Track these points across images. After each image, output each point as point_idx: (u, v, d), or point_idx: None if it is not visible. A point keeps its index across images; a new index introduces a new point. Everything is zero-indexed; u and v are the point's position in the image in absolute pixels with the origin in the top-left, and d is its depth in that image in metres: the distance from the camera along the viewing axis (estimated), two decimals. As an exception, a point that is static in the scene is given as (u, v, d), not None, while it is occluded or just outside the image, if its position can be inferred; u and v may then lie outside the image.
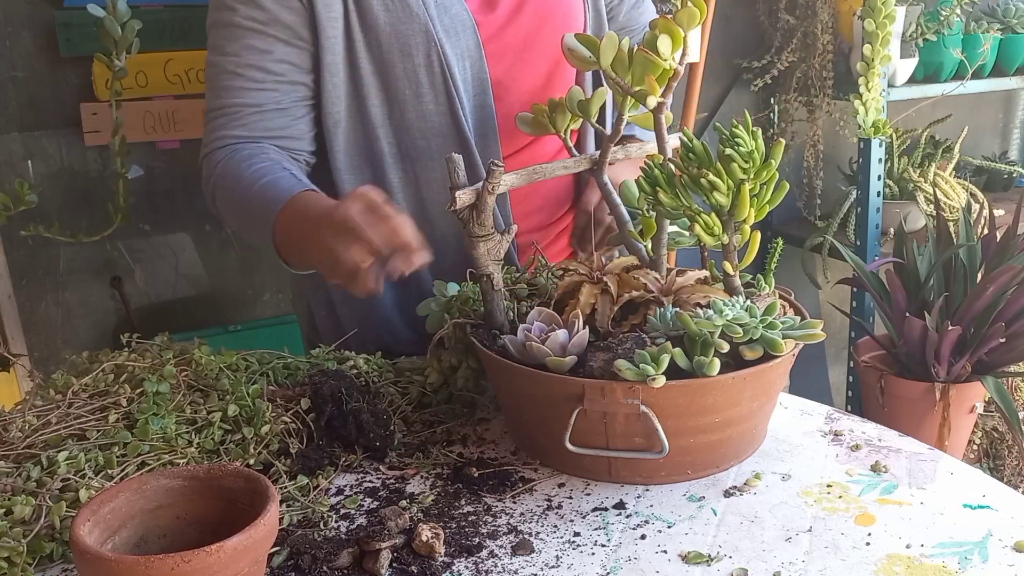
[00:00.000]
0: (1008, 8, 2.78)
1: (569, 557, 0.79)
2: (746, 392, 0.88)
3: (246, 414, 0.95)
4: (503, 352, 0.92)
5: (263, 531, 0.65)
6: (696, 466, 0.91)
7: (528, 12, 1.23)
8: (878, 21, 2.27)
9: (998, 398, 2.04)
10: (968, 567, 0.76)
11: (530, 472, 0.94)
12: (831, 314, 2.74)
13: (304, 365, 1.10)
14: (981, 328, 2.03)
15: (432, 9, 1.16)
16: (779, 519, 0.84)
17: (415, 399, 1.07)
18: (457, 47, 1.18)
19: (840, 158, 2.84)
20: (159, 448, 0.89)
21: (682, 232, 1.04)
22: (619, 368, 0.84)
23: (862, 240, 2.59)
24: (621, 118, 0.98)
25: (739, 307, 0.87)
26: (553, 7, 1.25)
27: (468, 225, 0.96)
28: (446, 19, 1.17)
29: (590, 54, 0.92)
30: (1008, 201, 2.81)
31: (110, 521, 0.68)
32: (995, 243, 2.13)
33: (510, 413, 1.00)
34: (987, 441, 2.31)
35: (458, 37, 1.18)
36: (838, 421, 1.03)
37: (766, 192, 0.90)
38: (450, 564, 0.79)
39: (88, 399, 0.97)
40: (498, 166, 0.92)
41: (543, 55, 1.24)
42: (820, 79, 2.56)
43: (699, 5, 0.89)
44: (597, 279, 0.97)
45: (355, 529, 0.84)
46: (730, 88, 2.77)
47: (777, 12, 2.60)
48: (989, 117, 3.35)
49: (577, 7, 1.28)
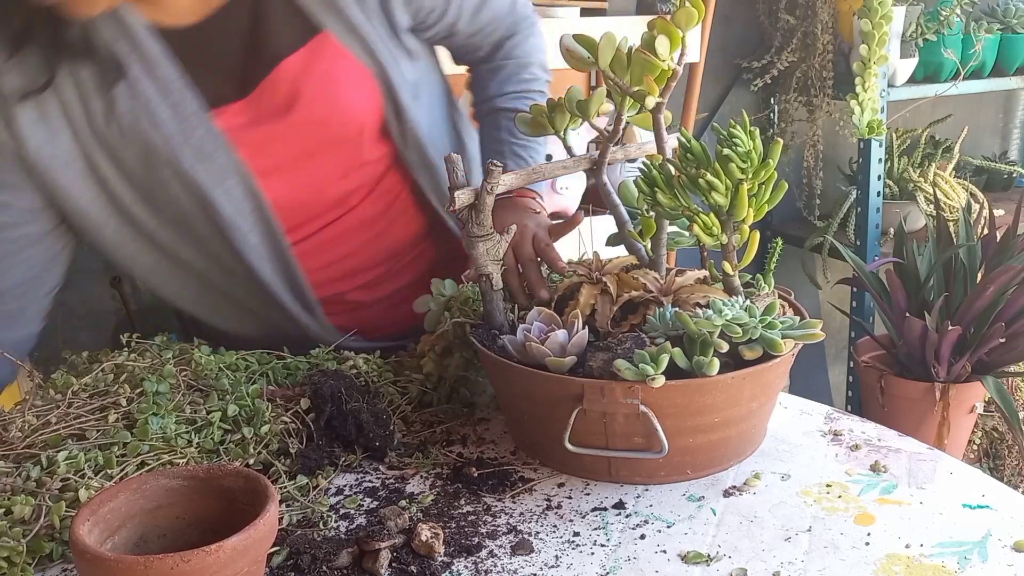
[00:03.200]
0: (1008, 8, 2.78)
1: (568, 557, 0.79)
2: (745, 392, 0.88)
3: (246, 414, 0.95)
4: (503, 352, 0.92)
5: (263, 531, 0.65)
6: (695, 466, 0.91)
7: (297, 117, 1.06)
8: (875, 21, 2.27)
9: (998, 398, 2.04)
10: (968, 567, 0.76)
11: (530, 472, 0.94)
12: (831, 314, 2.74)
13: (303, 365, 1.10)
14: (981, 328, 2.03)
15: (175, 138, 1.01)
16: (779, 519, 0.84)
17: (415, 399, 1.07)
18: (212, 171, 1.04)
19: (840, 158, 2.84)
20: (159, 448, 0.89)
21: (681, 232, 1.04)
22: (618, 368, 0.84)
23: (862, 240, 2.59)
24: (620, 118, 0.98)
25: (738, 307, 0.87)
26: (329, 106, 1.07)
27: (467, 225, 0.96)
28: (193, 142, 1.02)
29: (588, 54, 0.92)
30: (1008, 201, 2.81)
31: (110, 521, 0.68)
32: (995, 243, 2.13)
33: (510, 413, 1.00)
34: (987, 441, 2.31)
35: (212, 160, 1.03)
36: (838, 421, 1.03)
37: (765, 192, 0.90)
38: (450, 564, 0.79)
39: (88, 399, 0.97)
40: (497, 166, 0.93)
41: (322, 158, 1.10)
42: (820, 79, 2.56)
43: (697, 5, 0.89)
44: (597, 279, 0.98)
45: (355, 529, 0.84)
46: (730, 88, 2.77)
47: (777, 12, 2.60)
48: (989, 117, 3.35)
49: (362, 103, 1.09)
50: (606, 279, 0.97)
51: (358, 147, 1.11)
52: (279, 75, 1.03)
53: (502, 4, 1.20)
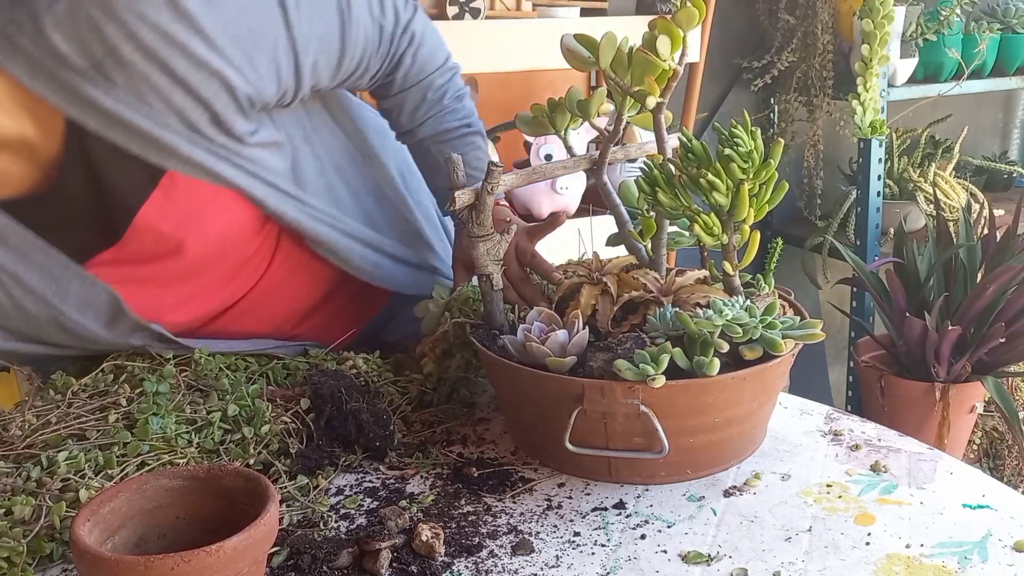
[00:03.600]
0: (1008, 8, 2.78)
1: (569, 557, 0.79)
2: (746, 392, 0.88)
3: (246, 414, 0.95)
4: (503, 352, 0.92)
5: (263, 531, 0.65)
6: (696, 466, 0.91)
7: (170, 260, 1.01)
8: (876, 21, 2.28)
9: (998, 398, 2.04)
10: (968, 567, 0.76)
11: (530, 472, 0.94)
12: (831, 314, 2.74)
13: (303, 365, 1.10)
14: (981, 328, 2.04)
15: (53, 297, 0.98)
16: (779, 519, 0.84)
17: (415, 399, 1.07)
18: (99, 316, 1.01)
19: (840, 158, 2.84)
20: (159, 448, 0.89)
21: (682, 232, 1.04)
22: (619, 368, 0.84)
23: (862, 240, 2.59)
24: (621, 118, 0.98)
25: (739, 307, 0.87)
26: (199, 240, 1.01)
27: (467, 225, 0.96)
28: (72, 295, 0.99)
29: (589, 54, 0.92)
30: (1008, 201, 2.81)
31: (110, 521, 0.68)
32: (995, 243, 2.13)
33: (510, 413, 1.00)
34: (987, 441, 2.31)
35: (96, 307, 1.01)
36: (838, 421, 1.03)
37: (765, 192, 0.90)
38: (450, 564, 0.79)
39: (88, 399, 0.97)
40: (497, 166, 0.93)
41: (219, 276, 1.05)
42: (820, 79, 2.56)
43: (698, 5, 0.89)
44: (597, 280, 0.98)
45: (355, 529, 0.84)
46: (730, 88, 2.77)
47: (777, 12, 2.60)
48: (989, 117, 3.35)
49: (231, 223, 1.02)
50: (606, 279, 0.97)
51: (238, 251, 1.05)
52: (140, 224, 0.97)
53: (366, 39, 1.05)
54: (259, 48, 0.94)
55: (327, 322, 1.19)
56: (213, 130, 0.94)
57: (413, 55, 1.12)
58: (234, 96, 0.93)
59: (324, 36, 1.00)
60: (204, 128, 0.94)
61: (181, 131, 0.93)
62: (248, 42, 0.93)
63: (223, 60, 0.91)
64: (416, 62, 1.12)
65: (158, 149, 0.93)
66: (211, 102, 0.92)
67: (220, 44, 0.91)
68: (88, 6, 0.86)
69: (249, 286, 1.09)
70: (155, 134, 0.91)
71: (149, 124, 0.91)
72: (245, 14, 0.93)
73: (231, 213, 1.01)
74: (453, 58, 1.19)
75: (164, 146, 0.92)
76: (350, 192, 1.13)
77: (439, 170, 1.17)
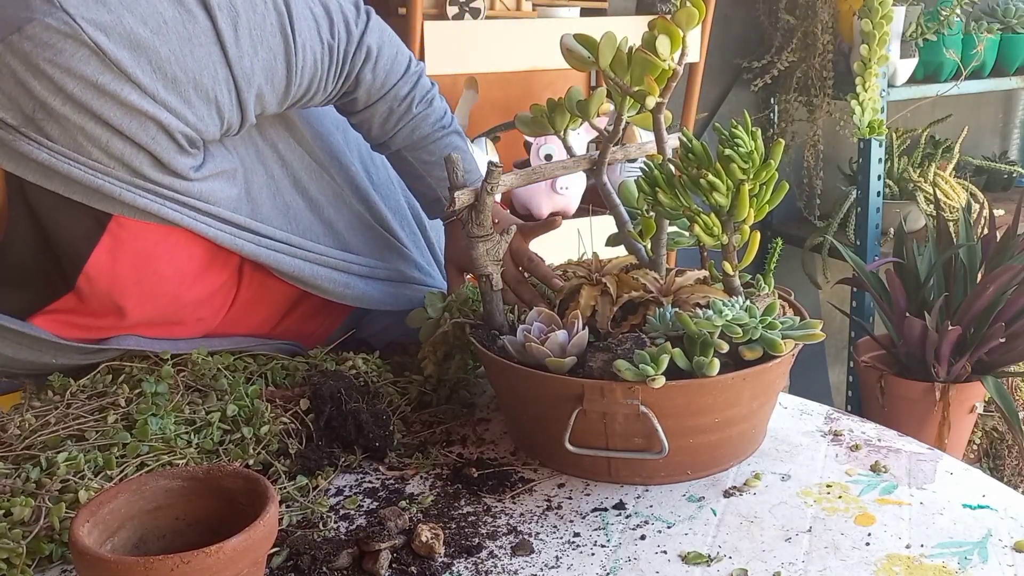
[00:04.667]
0: (1008, 8, 2.78)
1: (569, 557, 0.79)
2: (746, 392, 0.88)
3: (245, 414, 0.95)
4: (503, 353, 0.92)
5: (262, 532, 0.65)
6: (696, 466, 0.91)
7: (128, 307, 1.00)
8: (875, 21, 2.28)
9: (998, 398, 2.04)
10: (968, 567, 0.76)
11: (530, 472, 0.94)
12: (831, 314, 2.74)
13: (302, 366, 1.10)
14: (981, 328, 2.04)
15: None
16: (779, 519, 0.84)
17: (414, 399, 1.07)
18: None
19: (840, 158, 2.84)
20: (158, 449, 0.89)
21: (681, 232, 1.04)
22: (618, 368, 0.84)
23: (862, 240, 2.59)
24: (620, 118, 0.98)
25: (739, 307, 0.87)
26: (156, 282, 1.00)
27: (467, 226, 0.96)
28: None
29: (589, 54, 0.92)
30: (1008, 201, 2.81)
31: (109, 522, 0.68)
32: (995, 243, 2.13)
33: (510, 413, 1.00)
34: (987, 441, 2.31)
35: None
36: (838, 421, 1.03)
37: (765, 192, 0.90)
38: (450, 564, 0.79)
39: (86, 400, 0.97)
40: (497, 166, 0.92)
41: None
42: (820, 79, 2.56)
43: (698, 5, 0.89)
44: (597, 280, 0.97)
45: (355, 530, 0.84)
46: (730, 88, 2.77)
47: (777, 12, 2.60)
48: (989, 117, 3.35)
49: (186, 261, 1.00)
50: (606, 280, 0.97)
51: (199, 288, 1.04)
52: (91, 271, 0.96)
53: (315, 63, 1.01)
54: (197, 88, 0.91)
55: (302, 322, 1.18)
56: (156, 173, 0.92)
57: (372, 70, 1.07)
58: (173, 138, 0.91)
59: (268, 66, 0.96)
60: (147, 171, 0.92)
61: (123, 177, 0.91)
62: (184, 84, 0.90)
63: (157, 105, 0.89)
64: (376, 77, 1.08)
65: (100, 198, 0.92)
66: (150, 147, 0.90)
67: (153, 89, 0.88)
68: (11, 62, 0.84)
69: (223, 312, 1.08)
70: (96, 183, 0.90)
71: (90, 175, 0.90)
72: (179, 56, 0.90)
73: (183, 252, 0.99)
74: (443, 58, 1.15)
75: (106, 194, 0.91)
76: (310, 206, 1.10)
77: (420, 177, 1.16)
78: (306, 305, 1.17)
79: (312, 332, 1.18)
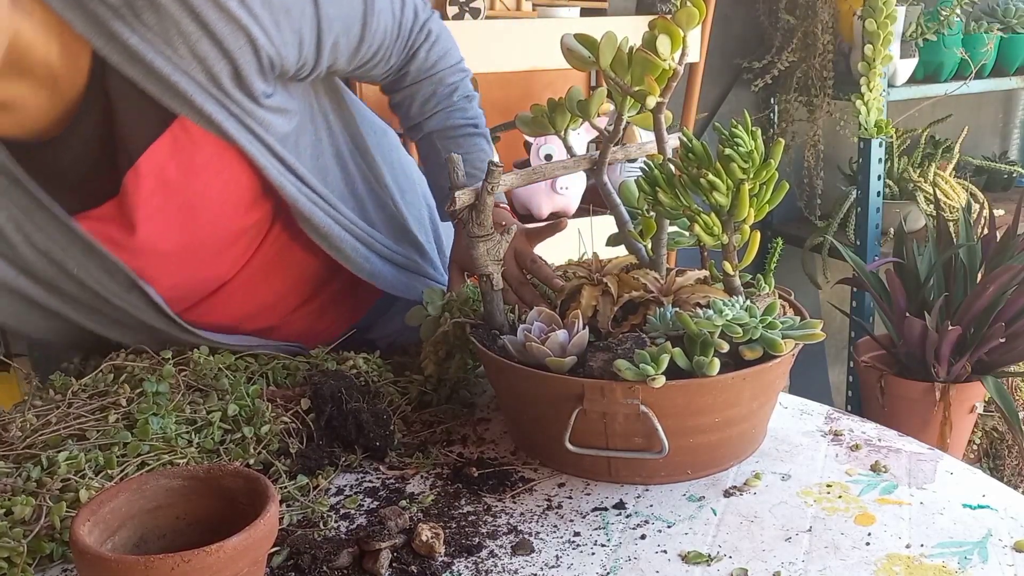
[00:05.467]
0: (1008, 8, 2.78)
1: (569, 557, 0.79)
2: (746, 392, 0.88)
3: (246, 414, 0.95)
4: (503, 352, 0.92)
5: (263, 531, 0.65)
6: (696, 466, 0.91)
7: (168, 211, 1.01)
8: (879, 21, 2.28)
9: (998, 398, 2.04)
10: (968, 567, 0.76)
11: (530, 472, 0.94)
12: (831, 314, 2.74)
13: (303, 365, 1.10)
14: (981, 328, 2.04)
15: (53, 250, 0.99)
16: (779, 519, 0.84)
17: (415, 399, 1.07)
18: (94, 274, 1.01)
19: (840, 158, 2.84)
20: (159, 448, 0.89)
21: (682, 232, 1.04)
22: (619, 368, 0.84)
23: (862, 240, 2.59)
24: (621, 118, 0.98)
25: (739, 307, 0.87)
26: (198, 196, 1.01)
27: (467, 225, 0.96)
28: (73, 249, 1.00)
29: (589, 54, 0.92)
30: (1008, 201, 2.81)
31: (110, 521, 0.68)
32: (995, 243, 2.13)
33: (510, 413, 1.00)
34: (987, 441, 2.31)
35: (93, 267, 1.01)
36: (838, 421, 1.03)
37: (766, 192, 0.90)
38: (450, 564, 0.79)
39: (87, 399, 0.97)
40: (497, 166, 0.93)
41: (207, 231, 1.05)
42: (820, 79, 2.56)
43: (698, 5, 0.89)
44: (597, 280, 0.98)
45: (355, 529, 0.84)
46: (730, 88, 2.77)
47: (777, 12, 2.61)
48: (989, 117, 3.35)
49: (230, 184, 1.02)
50: (606, 280, 0.97)
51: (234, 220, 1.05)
52: (142, 167, 0.97)
53: (385, 32, 1.10)
54: (287, 15, 0.97)
55: (314, 317, 1.19)
56: (232, 85, 0.96)
57: (428, 50, 1.17)
58: (257, 55, 0.95)
59: (347, 20, 1.04)
60: (224, 82, 0.95)
61: (200, 80, 0.95)
62: (278, 8, 0.96)
63: (252, 18, 0.94)
64: (429, 56, 1.18)
65: (173, 95, 0.94)
66: (235, 56, 0.94)
67: (251, 2, 0.94)
68: None
69: (241, 263, 1.10)
70: (173, 79, 0.93)
71: (169, 68, 0.93)
72: None
73: (231, 174, 1.02)
74: None
75: (179, 92, 0.94)
76: (345, 178, 1.15)
77: (443, 167, 1.17)
78: (319, 298, 1.18)
79: (321, 331, 1.20)
